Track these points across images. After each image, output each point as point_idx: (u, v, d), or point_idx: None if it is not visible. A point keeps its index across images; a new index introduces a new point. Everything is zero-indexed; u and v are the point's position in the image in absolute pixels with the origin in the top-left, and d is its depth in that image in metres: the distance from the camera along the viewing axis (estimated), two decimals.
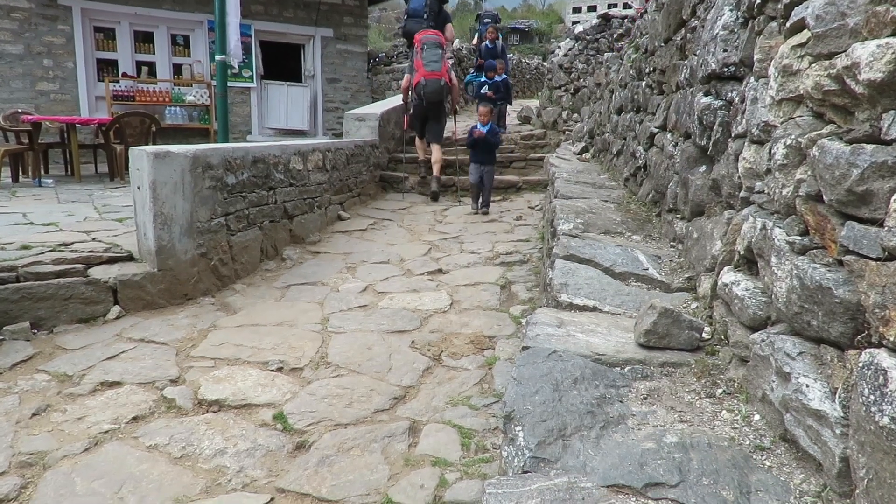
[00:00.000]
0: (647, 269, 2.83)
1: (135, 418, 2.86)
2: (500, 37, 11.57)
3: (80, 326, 3.88)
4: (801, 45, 1.74)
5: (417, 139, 8.42)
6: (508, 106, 10.81)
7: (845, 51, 1.44)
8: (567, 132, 9.98)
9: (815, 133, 1.56)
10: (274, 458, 2.60)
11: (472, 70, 13.36)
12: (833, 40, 1.53)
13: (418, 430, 2.82)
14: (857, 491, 1.17)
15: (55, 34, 10.66)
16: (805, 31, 1.73)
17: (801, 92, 1.70)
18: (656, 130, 4.14)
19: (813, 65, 1.62)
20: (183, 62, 11.99)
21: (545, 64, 14.66)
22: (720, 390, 1.79)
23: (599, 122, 7.47)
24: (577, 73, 10.75)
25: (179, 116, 11.66)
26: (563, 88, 11.37)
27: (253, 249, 5.28)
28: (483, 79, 10.16)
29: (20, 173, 8.15)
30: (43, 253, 4.11)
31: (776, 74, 1.86)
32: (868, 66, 1.32)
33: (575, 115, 10.32)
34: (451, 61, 9.39)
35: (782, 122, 1.81)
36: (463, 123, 11.06)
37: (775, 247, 1.67)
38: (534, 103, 13.10)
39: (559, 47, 12.56)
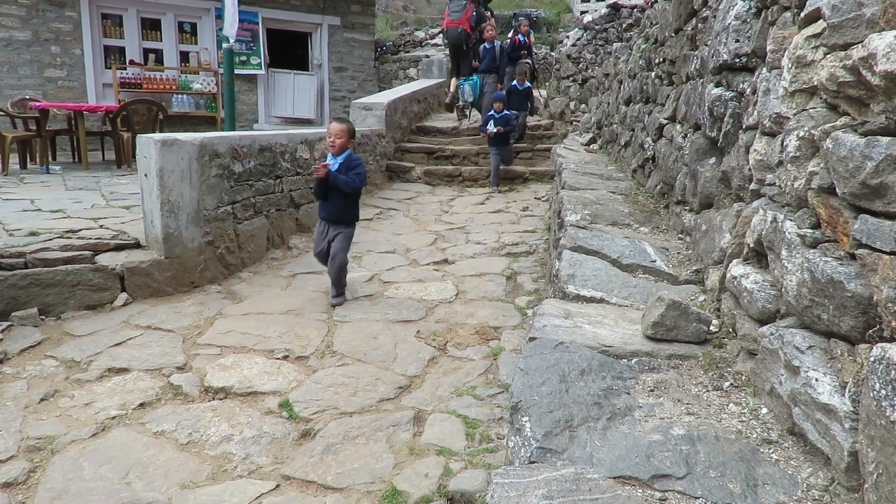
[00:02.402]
0: (655, 261, 2.82)
1: (142, 404, 2.88)
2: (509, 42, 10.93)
3: (87, 313, 3.91)
4: (816, 36, 1.71)
5: (453, 79, 10.24)
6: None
7: (862, 41, 1.42)
8: (574, 123, 9.91)
9: (829, 125, 1.54)
10: (279, 446, 2.61)
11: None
12: (849, 31, 1.51)
13: (423, 419, 2.83)
14: (866, 485, 1.16)
15: (63, 21, 10.64)
16: (820, 21, 1.71)
17: (815, 83, 1.67)
18: (665, 122, 4.11)
19: (828, 56, 1.60)
20: (190, 50, 11.98)
21: (553, 54, 14.54)
22: (727, 383, 1.78)
23: (607, 113, 7.42)
24: (586, 64, 10.67)
25: (186, 104, 11.66)
26: (570, 79, 11.30)
27: (259, 238, 5.29)
28: (474, 94, 9.46)
29: (28, 160, 8.17)
30: (51, 239, 4.13)
31: (790, 65, 1.83)
32: (885, 57, 1.30)
33: (583, 105, 10.24)
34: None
35: (795, 114, 1.78)
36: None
37: (786, 240, 1.66)
38: (541, 94, 13.01)
39: (567, 37, 12.48)
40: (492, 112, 8.42)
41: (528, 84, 9.51)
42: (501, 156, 8.50)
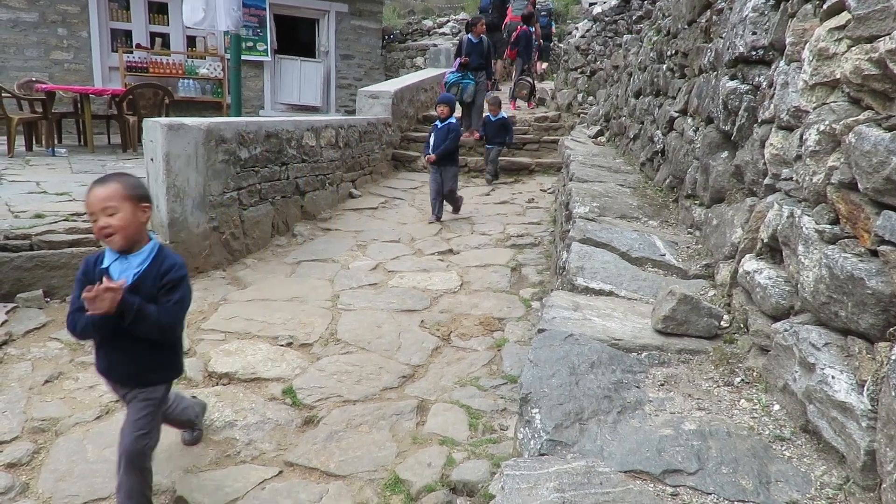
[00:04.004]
0: (664, 255, 2.79)
1: None
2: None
3: None
4: (840, 28, 1.68)
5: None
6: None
7: (889, 34, 1.39)
8: (582, 115, 9.84)
9: (852, 119, 1.51)
10: (283, 432, 2.61)
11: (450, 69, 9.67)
12: (875, 23, 1.48)
13: (426, 409, 2.82)
14: (884, 485, 1.14)
15: (70, 3, 10.58)
16: (844, 13, 1.67)
17: (838, 76, 1.64)
18: (676, 115, 4.06)
19: (852, 48, 1.57)
20: (197, 34, 11.89)
21: (561, 45, 14.42)
22: (738, 379, 1.76)
23: (616, 106, 7.37)
24: (594, 56, 10.57)
25: (192, 89, 11.60)
26: (579, 70, 11.21)
27: (264, 224, 5.28)
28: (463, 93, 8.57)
29: (34, 142, 8.15)
30: (56, 222, 4.12)
31: (810, 58, 1.80)
32: None
33: (590, 97, 10.16)
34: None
35: (815, 108, 1.75)
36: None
37: (803, 235, 1.63)
38: (549, 85, 12.93)
39: (576, 28, 12.38)
40: (436, 122, 6.55)
41: (503, 115, 8.25)
42: (444, 178, 6.27)
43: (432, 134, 6.46)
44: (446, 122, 6.39)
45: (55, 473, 2.26)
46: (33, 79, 9.38)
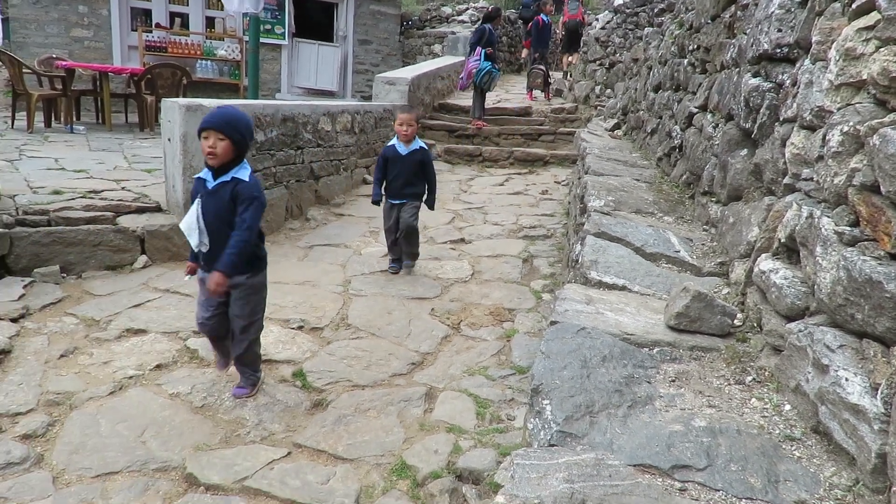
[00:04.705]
0: (679, 252, 2.78)
1: (158, 366, 2.92)
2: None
3: (107, 273, 3.95)
4: (868, 28, 1.65)
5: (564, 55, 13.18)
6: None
7: None
8: (599, 107, 9.75)
9: (877, 121, 1.49)
10: (292, 414, 2.64)
11: (475, 57, 8.77)
12: None
13: (434, 396, 2.84)
14: (894, 488, 1.14)
15: None
16: (873, 13, 1.64)
17: (865, 77, 1.62)
18: (696, 110, 4.02)
19: (881, 49, 1.54)
20: (216, 15, 11.91)
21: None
22: (750, 378, 1.76)
23: (634, 99, 7.30)
24: (614, 48, 10.47)
25: (210, 70, 11.63)
26: (597, 62, 11.11)
27: (278, 208, 5.30)
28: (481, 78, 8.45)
29: (53, 119, 8.22)
30: (73, 199, 4.17)
31: (837, 58, 1.77)
32: None
33: (608, 90, 10.07)
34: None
35: (839, 108, 1.73)
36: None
37: (822, 236, 1.62)
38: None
39: (597, 20, 12.25)
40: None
41: (421, 145, 4.53)
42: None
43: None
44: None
45: (69, 446, 2.30)
46: (53, 55, 9.45)
